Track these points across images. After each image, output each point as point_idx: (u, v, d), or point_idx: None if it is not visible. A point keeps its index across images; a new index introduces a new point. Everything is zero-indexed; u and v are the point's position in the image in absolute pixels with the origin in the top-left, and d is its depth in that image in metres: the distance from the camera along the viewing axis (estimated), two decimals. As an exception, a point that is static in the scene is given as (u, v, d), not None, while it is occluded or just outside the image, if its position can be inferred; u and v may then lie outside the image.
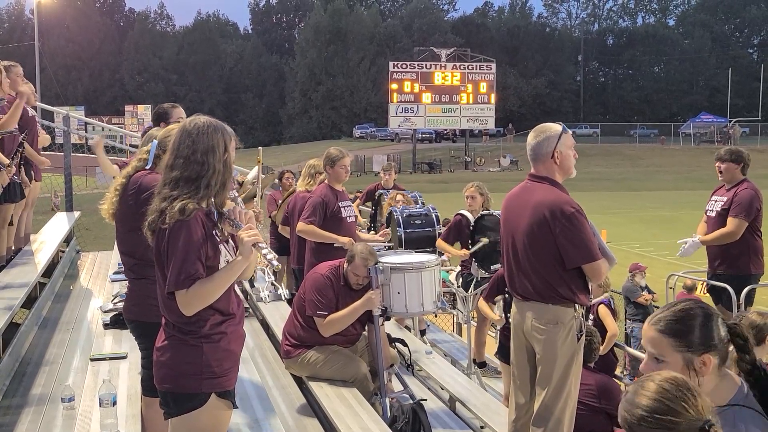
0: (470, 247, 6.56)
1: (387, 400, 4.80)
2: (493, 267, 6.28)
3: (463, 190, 7.24)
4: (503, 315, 5.82)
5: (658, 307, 11.21)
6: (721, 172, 6.04)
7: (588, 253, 3.81)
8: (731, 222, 5.83)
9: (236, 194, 2.98)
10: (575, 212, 3.81)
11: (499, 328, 6.55)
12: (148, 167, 3.53)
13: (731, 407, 2.17)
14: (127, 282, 3.68)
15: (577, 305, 3.91)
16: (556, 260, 3.83)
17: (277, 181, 9.43)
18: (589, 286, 4.07)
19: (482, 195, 7.07)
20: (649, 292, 11.07)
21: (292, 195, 7.77)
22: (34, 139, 6.67)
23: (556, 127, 3.97)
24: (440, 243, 6.81)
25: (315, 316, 4.95)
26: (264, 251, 2.72)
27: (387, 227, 6.98)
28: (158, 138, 3.57)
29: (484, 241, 6.42)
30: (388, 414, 4.76)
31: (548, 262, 3.84)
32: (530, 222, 3.88)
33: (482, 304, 6.33)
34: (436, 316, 9.87)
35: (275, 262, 2.75)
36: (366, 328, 5.22)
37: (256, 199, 5.71)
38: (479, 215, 6.65)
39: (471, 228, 6.62)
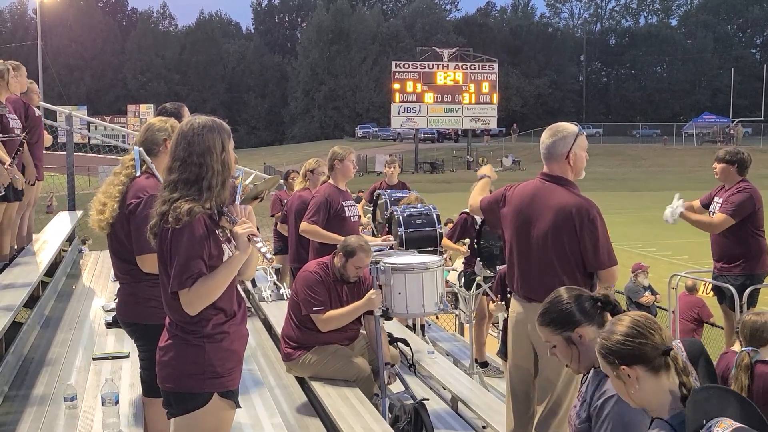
0: (475, 245, 6.55)
1: (386, 401, 4.79)
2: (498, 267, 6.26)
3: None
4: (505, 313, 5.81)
5: (662, 308, 11.05)
6: (717, 173, 6.04)
7: (610, 258, 3.82)
8: (717, 216, 5.86)
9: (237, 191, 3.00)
10: (599, 216, 3.81)
11: (501, 327, 6.54)
12: (138, 174, 3.48)
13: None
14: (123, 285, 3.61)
15: None
16: (575, 263, 3.81)
17: (282, 181, 9.47)
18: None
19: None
20: (653, 292, 11.04)
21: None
22: (40, 140, 6.66)
23: (573, 128, 3.96)
24: (445, 241, 6.82)
25: (312, 313, 4.93)
26: (258, 245, 2.72)
27: (388, 227, 6.97)
28: (137, 142, 3.56)
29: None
30: (387, 415, 4.74)
31: (567, 264, 3.81)
32: (553, 224, 3.82)
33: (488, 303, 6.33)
34: (437, 317, 9.86)
35: (269, 255, 2.77)
36: (363, 324, 5.21)
37: (257, 201, 5.71)
38: None
39: (477, 227, 6.61)
